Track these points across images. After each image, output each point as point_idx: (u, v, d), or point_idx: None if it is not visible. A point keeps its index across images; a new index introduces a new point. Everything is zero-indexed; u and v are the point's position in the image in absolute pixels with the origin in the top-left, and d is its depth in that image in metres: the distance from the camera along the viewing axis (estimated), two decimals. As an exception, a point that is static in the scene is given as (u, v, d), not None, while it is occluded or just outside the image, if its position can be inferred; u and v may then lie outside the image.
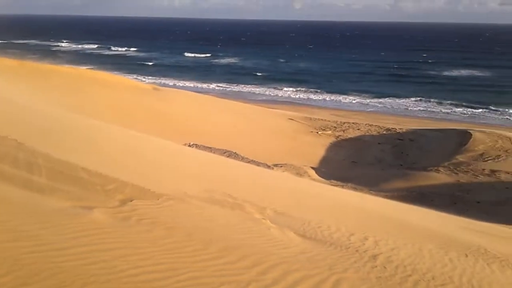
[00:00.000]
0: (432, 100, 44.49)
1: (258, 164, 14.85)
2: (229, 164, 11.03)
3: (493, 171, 17.59)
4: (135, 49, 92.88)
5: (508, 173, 17.26)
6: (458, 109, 41.50)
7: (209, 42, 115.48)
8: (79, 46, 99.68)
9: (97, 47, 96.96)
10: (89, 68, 47.30)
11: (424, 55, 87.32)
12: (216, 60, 78.77)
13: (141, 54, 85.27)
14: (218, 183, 6.94)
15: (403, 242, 5.27)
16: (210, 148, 16.45)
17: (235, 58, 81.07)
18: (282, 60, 77.77)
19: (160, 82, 50.42)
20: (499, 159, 19.22)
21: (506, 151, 20.19)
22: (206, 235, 4.26)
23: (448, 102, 43.76)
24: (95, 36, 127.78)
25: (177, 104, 24.50)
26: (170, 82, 53.61)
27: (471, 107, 41.81)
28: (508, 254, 5.73)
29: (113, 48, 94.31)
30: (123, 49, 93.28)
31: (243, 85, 52.89)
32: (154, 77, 56.35)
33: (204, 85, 52.54)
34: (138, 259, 3.43)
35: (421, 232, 6.29)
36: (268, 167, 15.13)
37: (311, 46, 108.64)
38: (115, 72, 48.69)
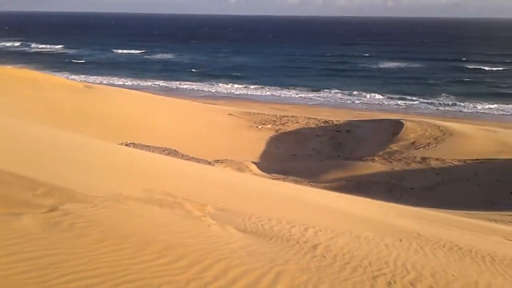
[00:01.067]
0: (367, 92, 46.21)
1: (198, 161, 14.71)
2: (168, 162, 10.82)
3: (424, 158, 18.52)
4: (61, 46, 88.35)
5: (438, 160, 18.24)
6: (391, 100, 43.41)
7: (143, 38, 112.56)
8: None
9: (20, 45, 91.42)
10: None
11: (358, 48, 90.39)
12: (151, 56, 77.06)
13: (70, 52, 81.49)
14: (156, 182, 6.77)
15: (341, 231, 5.39)
16: (149, 146, 16.08)
17: (171, 53, 79.75)
18: (220, 55, 77.56)
19: (93, 80, 48.55)
20: (429, 147, 20.28)
21: (436, 138, 21.33)
22: (144, 236, 4.12)
23: (382, 93, 45.65)
24: (17, 32, 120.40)
25: (112, 102, 23.71)
26: (103, 80, 51.81)
27: (403, 98, 43.93)
28: (439, 236, 6.04)
29: (38, 46, 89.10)
30: (50, 46, 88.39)
31: (180, 82, 52.21)
32: (85, 75, 54.19)
33: (140, 82, 51.29)
34: (72, 265, 3.26)
35: (358, 220, 6.47)
36: (209, 163, 15.02)
37: (248, 41, 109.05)
38: (42, 72, 46.33)
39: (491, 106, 40.55)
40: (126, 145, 15.70)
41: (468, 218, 10.15)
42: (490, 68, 63.36)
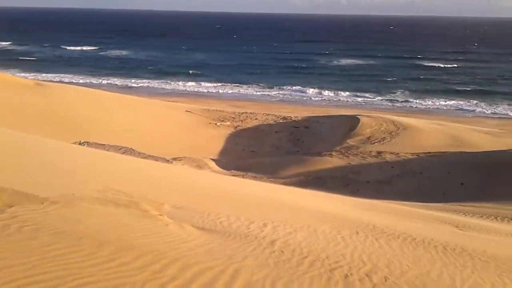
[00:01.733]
0: (325, 88, 46.93)
1: (156, 159, 14.48)
2: (124, 161, 10.58)
3: (379, 153, 18.99)
4: (9, 42, 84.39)
5: (392, 154, 18.74)
6: (349, 96, 44.29)
7: (97, 34, 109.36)
8: None
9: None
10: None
11: (317, 46, 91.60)
12: (107, 53, 75.03)
13: (19, 48, 78.01)
14: (111, 182, 6.59)
15: (299, 226, 5.44)
16: (104, 145, 15.68)
17: (127, 50, 78.00)
18: (177, 52, 76.59)
19: (44, 78, 46.76)
20: (384, 141, 20.82)
21: (390, 133, 21.92)
22: (98, 237, 4.00)
23: (340, 90, 46.49)
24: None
25: (65, 100, 22.96)
26: (56, 77, 50.02)
27: (360, 95, 44.89)
28: (394, 228, 6.20)
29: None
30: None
31: (137, 79, 51.21)
32: (36, 73, 52.14)
33: (95, 80, 49.88)
34: (21, 269, 3.11)
35: (316, 215, 6.54)
36: (167, 161, 14.82)
37: (206, 38, 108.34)
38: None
39: (443, 101, 42.06)
40: (80, 144, 15.24)
41: (422, 210, 10.49)
42: (444, 65, 65.76)
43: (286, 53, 77.28)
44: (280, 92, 45.52)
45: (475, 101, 41.72)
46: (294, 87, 47.09)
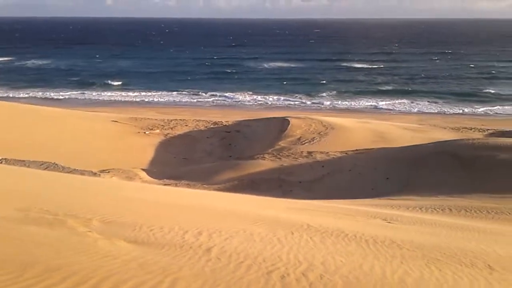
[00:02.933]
0: (254, 92, 47.47)
1: (82, 172, 13.84)
2: (47, 177, 10.00)
3: (310, 153, 19.47)
4: None
5: (323, 153, 19.29)
6: (278, 99, 45.07)
7: (10, 44, 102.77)
8: None
9: None
10: None
11: (245, 50, 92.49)
12: (22, 63, 70.67)
13: None
14: (33, 200, 6.19)
15: (235, 231, 5.41)
16: (24, 161, 14.74)
17: (45, 60, 74.03)
18: (99, 60, 73.93)
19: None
20: (314, 141, 21.39)
21: (319, 133, 22.56)
22: (21, 260, 3.72)
23: (269, 93, 47.22)
24: None
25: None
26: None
27: (289, 97, 45.89)
28: (327, 226, 6.34)
29: None
30: None
31: (58, 89, 48.79)
32: None
33: (11, 93, 46.81)
34: None
35: (252, 218, 6.54)
36: (94, 174, 14.22)
37: (130, 44, 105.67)
38: None
39: (368, 101, 44.09)
40: (-2, 161, 14.22)
41: (352, 206, 10.86)
42: (368, 66, 69.03)
43: (214, 58, 77.29)
44: (210, 97, 45.41)
45: (398, 100, 44.18)
46: (223, 92, 47.17)
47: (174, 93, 46.99)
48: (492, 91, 47.93)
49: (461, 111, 40.10)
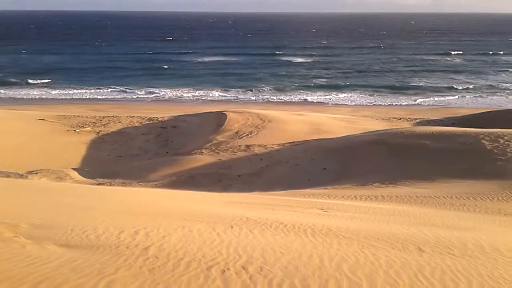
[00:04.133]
0: (189, 87, 46.89)
1: (7, 175, 13.02)
2: (-32, 180, 9.30)
3: (248, 146, 19.55)
4: None
5: (260, 146, 19.44)
6: (215, 93, 44.81)
7: None
8: None
9: None
10: None
11: (179, 44, 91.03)
12: None
13: None
14: (-49, 206, 5.72)
15: (173, 228, 5.30)
16: None
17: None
18: (24, 56, 69.80)
19: None
20: (252, 135, 21.50)
21: (257, 126, 22.71)
22: None
23: (204, 88, 46.80)
24: None
25: None
26: None
27: (226, 91, 45.80)
28: (266, 217, 6.39)
29: None
30: None
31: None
32: None
33: None
34: None
35: (191, 214, 6.45)
36: (21, 176, 13.41)
37: (56, 39, 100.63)
38: None
39: (304, 94, 44.96)
40: None
41: (291, 197, 11.04)
42: (304, 60, 70.32)
43: (148, 53, 75.41)
44: (144, 93, 44.29)
45: (333, 93, 45.46)
46: (158, 88, 46.20)
47: (106, 89, 45.31)
48: (420, 83, 50.68)
49: (391, 102, 42.01)
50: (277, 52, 79.57)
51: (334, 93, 45.55)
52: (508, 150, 13.84)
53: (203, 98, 42.97)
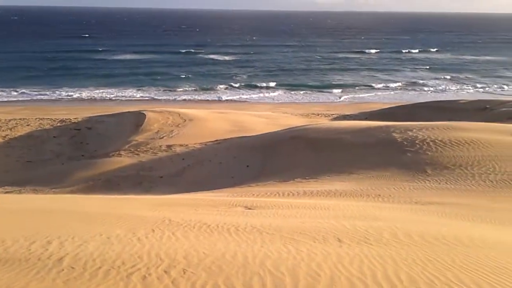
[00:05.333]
0: (104, 86, 45.09)
1: None
2: None
3: (169, 146, 19.19)
4: None
5: (182, 146, 19.17)
6: (132, 92, 43.48)
7: None
8: None
9: None
10: None
11: (90, 42, 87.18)
12: None
13: None
14: None
15: (90, 235, 5.03)
16: None
17: None
18: None
19: None
20: (173, 134, 21.13)
21: (177, 125, 22.36)
22: None
23: (121, 87, 45.32)
24: None
25: None
26: None
27: (143, 90, 44.55)
28: (189, 219, 6.26)
29: None
30: None
31: None
32: None
33: None
34: None
35: (109, 220, 6.17)
36: None
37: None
38: None
39: (217, 92, 45.10)
40: None
41: (214, 196, 10.98)
42: (224, 58, 70.34)
43: (60, 51, 71.17)
44: (54, 94, 41.80)
45: (255, 90, 46.42)
46: (71, 88, 43.93)
47: (12, 90, 42.15)
48: (337, 80, 52.93)
49: (309, 99, 43.47)
50: (198, 50, 79.04)
51: (257, 90, 46.33)
52: (417, 142, 14.82)
53: (120, 98, 41.50)
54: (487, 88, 50.60)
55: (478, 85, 52.21)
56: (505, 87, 51.41)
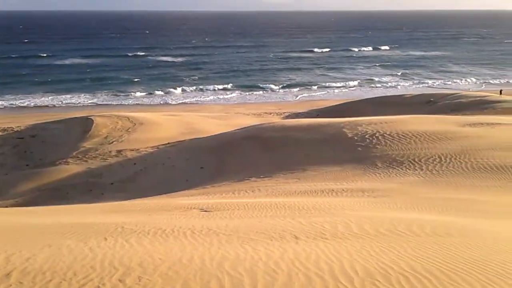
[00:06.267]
0: (49, 91, 43.48)
1: None
2: None
3: (119, 151, 18.71)
4: None
5: (133, 150, 18.73)
6: (79, 98, 42.08)
7: None
8: None
9: None
10: None
11: (34, 47, 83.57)
12: None
13: None
14: None
15: (39, 247, 4.80)
16: None
17: None
18: None
19: None
20: (122, 139, 20.61)
21: (127, 130, 21.83)
22: None
23: (68, 92, 43.84)
24: None
25: None
26: None
27: (90, 95, 43.24)
28: (143, 224, 6.11)
29: None
30: None
31: None
32: None
33: None
34: None
35: (58, 231, 5.92)
36: None
37: None
38: None
39: (167, 95, 44.56)
40: None
41: (168, 200, 10.79)
42: (174, 60, 69.51)
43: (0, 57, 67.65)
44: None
45: (209, 91, 46.41)
46: (13, 95, 42.00)
47: None
48: (288, 79, 53.50)
49: (261, 99, 43.73)
50: (149, 52, 77.66)
51: (210, 91, 46.35)
52: (367, 137, 15.23)
53: (66, 103, 40.05)
54: (435, 83, 52.93)
55: (427, 80, 54.52)
56: (449, 82, 53.92)
